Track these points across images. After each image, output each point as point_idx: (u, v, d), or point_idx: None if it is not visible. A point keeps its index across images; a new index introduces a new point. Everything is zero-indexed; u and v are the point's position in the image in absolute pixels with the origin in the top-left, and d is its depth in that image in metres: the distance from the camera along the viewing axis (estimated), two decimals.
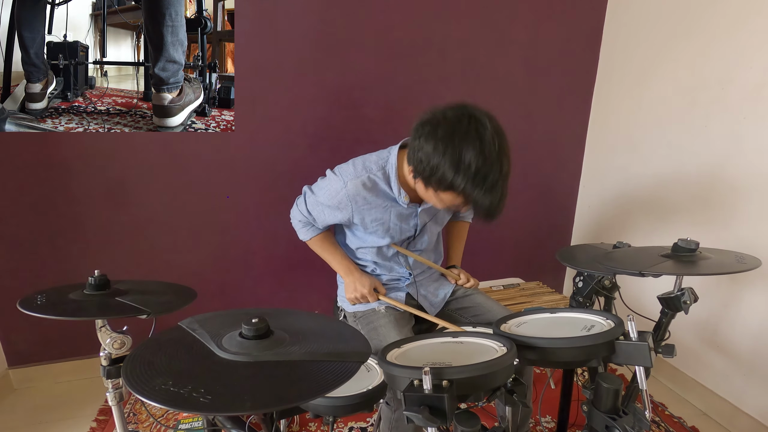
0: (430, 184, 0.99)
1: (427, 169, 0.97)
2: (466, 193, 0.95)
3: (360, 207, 1.16)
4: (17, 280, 1.75)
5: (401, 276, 1.37)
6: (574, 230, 2.41)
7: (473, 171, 0.92)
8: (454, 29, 1.90)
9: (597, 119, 2.19)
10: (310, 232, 1.30)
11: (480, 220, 1.02)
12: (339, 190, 1.15)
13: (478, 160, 0.91)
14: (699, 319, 1.72)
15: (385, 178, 1.14)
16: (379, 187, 1.14)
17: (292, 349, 0.72)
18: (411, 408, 0.69)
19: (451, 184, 0.95)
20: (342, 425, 1.65)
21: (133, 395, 1.57)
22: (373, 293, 1.26)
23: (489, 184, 0.93)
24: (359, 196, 1.14)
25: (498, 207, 0.97)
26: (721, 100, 1.58)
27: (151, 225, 1.83)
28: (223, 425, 0.94)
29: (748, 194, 1.53)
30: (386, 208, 1.18)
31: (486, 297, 1.38)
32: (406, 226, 1.23)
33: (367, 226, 1.20)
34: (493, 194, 0.94)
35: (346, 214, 1.18)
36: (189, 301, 1.02)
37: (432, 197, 1.04)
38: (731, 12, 1.53)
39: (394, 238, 1.24)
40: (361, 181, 1.12)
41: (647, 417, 0.88)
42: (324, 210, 1.22)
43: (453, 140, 0.93)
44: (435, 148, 0.94)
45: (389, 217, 1.19)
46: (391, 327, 1.22)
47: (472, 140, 0.92)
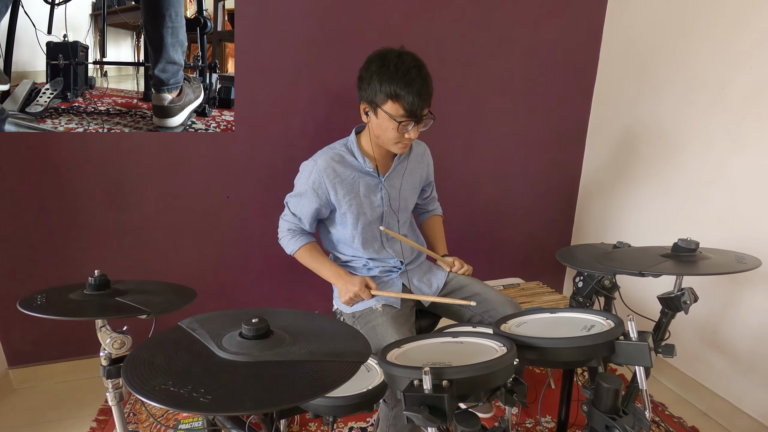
0: (375, 103, 1.19)
1: (369, 92, 1.19)
2: (394, 92, 1.15)
3: (332, 181, 1.28)
4: (17, 280, 1.75)
5: (393, 267, 1.41)
6: (574, 230, 2.41)
7: (393, 69, 1.15)
8: (454, 29, 1.90)
9: (597, 119, 2.19)
10: (298, 241, 1.38)
11: (407, 117, 1.18)
12: (311, 169, 1.29)
13: (396, 62, 1.15)
14: (699, 319, 1.72)
15: (349, 151, 1.32)
16: (345, 159, 1.31)
17: (292, 349, 0.72)
18: (411, 408, 0.69)
19: (382, 88, 1.16)
20: (342, 425, 1.65)
21: (133, 395, 1.58)
22: (365, 290, 1.29)
23: (409, 79, 1.14)
24: (329, 168, 1.28)
25: (420, 100, 1.16)
26: (721, 100, 1.58)
27: (151, 225, 1.83)
28: (223, 425, 0.95)
29: (748, 194, 1.53)
30: (354, 179, 1.31)
31: (484, 285, 1.41)
32: (375, 198, 1.34)
33: (341, 202, 1.31)
34: (413, 87, 1.14)
35: (323, 194, 1.30)
36: (189, 301, 1.02)
37: (384, 123, 1.20)
38: (731, 12, 1.53)
39: (367, 215, 1.33)
40: (330, 156, 1.29)
41: (647, 417, 0.89)
42: (303, 201, 1.32)
43: (377, 60, 1.18)
44: (370, 74, 1.18)
45: (358, 189, 1.32)
46: (388, 326, 1.23)
47: (391, 55, 1.18)
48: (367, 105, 1.22)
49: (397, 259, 1.41)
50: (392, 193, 1.36)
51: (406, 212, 1.44)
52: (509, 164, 2.17)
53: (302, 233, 1.39)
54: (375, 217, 1.36)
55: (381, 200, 1.35)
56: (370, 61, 1.21)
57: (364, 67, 1.22)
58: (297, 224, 1.38)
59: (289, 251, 1.41)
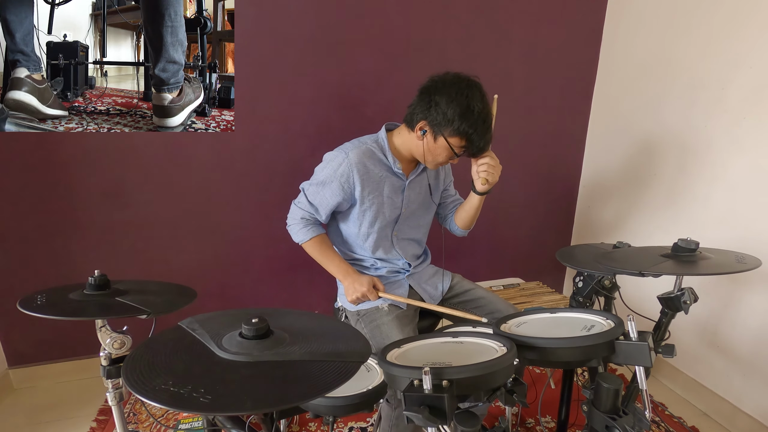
0: (443, 132, 1.17)
1: (442, 118, 1.15)
2: (469, 135, 1.15)
3: (361, 176, 1.26)
4: (17, 280, 1.75)
5: (401, 268, 1.40)
6: (574, 230, 2.41)
7: (476, 115, 1.14)
8: (454, 29, 1.90)
9: (597, 119, 2.19)
10: (310, 231, 1.32)
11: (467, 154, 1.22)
12: (342, 161, 1.25)
13: (479, 107, 1.14)
14: (699, 319, 1.72)
15: (380, 149, 1.29)
16: (376, 155, 1.28)
17: (292, 349, 0.72)
18: (411, 408, 0.69)
19: (461, 128, 1.14)
20: (342, 425, 1.65)
21: (133, 395, 1.57)
22: (372, 291, 1.27)
23: (486, 125, 1.16)
24: (361, 163, 1.25)
25: (488, 144, 1.20)
26: (721, 100, 1.58)
27: (151, 225, 1.83)
28: (223, 425, 0.94)
29: (748, 194, 1.53)
30: (381, 178, 1.29)
31: (487, 291, 1.41)
32: (397, 200, 1.33)
33: (364, 199, 1.28)
34: (488, 134, 1.18)
35: (349, 188, 1.26)
36: (189, 301, 1.02)
37: (440, 149, 1.20)
38: (731, 12, 1.53)
39: (386, 216, 1.32)
40: (362, 150, 1.26)
41: (647, 417, 0.89)
42: (325, 192, 1.28)
43: (462, 93, 1.14)
44: (449, 100, 1.14)
45: (383, 188, 1.30)
46: (393, 325, 1.23)
47: (474, 93, 1.15)
48: (427, 126, 1.19)
49: (405, 261, 1.40)
50: (412, 197, 1.36)
51: (421, 217, 1.42)
52: (509, 164, 2.15)
53: (315, 224, 1.34)
54: (392, 219, 1.35)
55: (402, 202, 1.34)
56: (447, 86, 1.16)
57: (439, 90, 1.16)
58: (312, 214, 1.32)
59: (297, 240, 1.35)
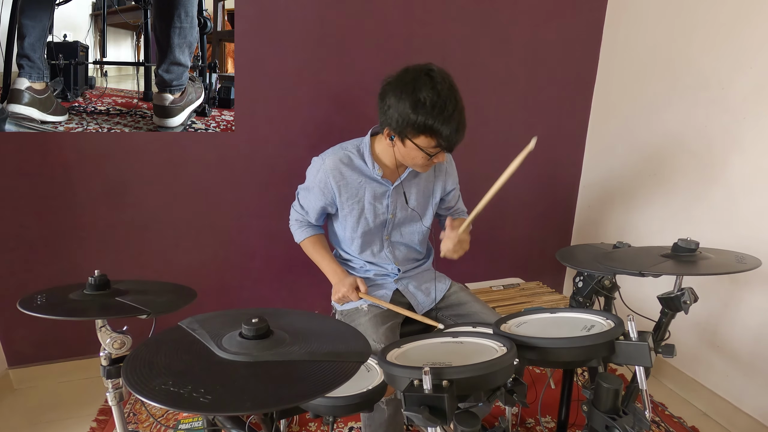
0: (405, 134, 1.11)
1: (396, 120, 1.09)
2: (430, 128, 1.06)
3: (338, 182, 1.25)
4: (17, 280, 1.75)
5: (389, 272, 1.41)
6: (574, 230, 2.41)
7: (429, 106, 1.04)
8: (454, 29, 1.90)
9: (597, 119, 2.19)
10: (305, 232, 1.39)
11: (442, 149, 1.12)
12: (319, 167, 1.27)
13: (432, 96, 1.04)
14: (699, 319, 1.72)
15: (359, 155, 1.27)
16: (354, 162, 1.26)
17: (292, 349, 0.72)
18: (411, 408, 0.69)
19: (416, 123, 1.06)
20: (342, 425, 1.65)
21: (133, 395, 1.57)
22: (353, 292, 1.28)
23: (446, 114, 1.05)
24: (336, 170, 1.25)
25: (457, 135, 1.09)
26: (721, 100, 1.58)
27: (151, 225, 1.83)
28: (223, 425, 0.94)
29: (748, 194, 1.53)
30: (360, 184, 1.27)
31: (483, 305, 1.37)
32: (380, 206, 1.31)
33: (343, 205, 1.29)
34: (451, 123, 1.06)
35: (329, 193, 1.27)
36: (189, 301, 1.02)
37: (412, 152, 1.14)
38: (731, 12, 1.53)
39: (369, 222, 1.31)
40: (338, 157, 1.25)
41: (647, 417, 0.89)
42: (310, 196, 1.32)
43: (407, 87, 1.06)
44: (397, 99, 1.07)
45: (363, 194, 1.28)
46: (369, 325, 1.25)
47: (423, 83, 1.05)
48: (392, 132, 1.14)
49: (394, 266, 1.40)
50: (401, 202, 1.32)
51: (416, 223, 1.37)
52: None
53: (309, 225, 1.40)
54: (377, 224, 1.33)
55: (387, 208, 1.31)
56: (393, 86, 1.09)
57: (388, 92, 1.10)
58: (304, 216, 1.39)
59: (296, 240, 1.42)
